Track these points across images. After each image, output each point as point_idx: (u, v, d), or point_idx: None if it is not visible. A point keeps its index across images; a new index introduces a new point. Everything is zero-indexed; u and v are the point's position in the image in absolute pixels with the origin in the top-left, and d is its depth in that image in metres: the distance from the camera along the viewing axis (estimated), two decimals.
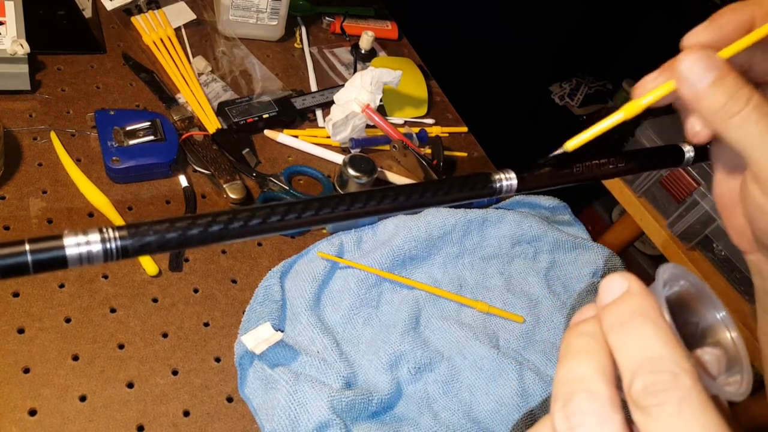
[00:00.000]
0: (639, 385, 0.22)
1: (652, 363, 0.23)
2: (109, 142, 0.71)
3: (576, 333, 0.26)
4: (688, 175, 0.95)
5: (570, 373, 0.24)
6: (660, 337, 0.23)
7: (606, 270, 0.81)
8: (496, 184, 0.32)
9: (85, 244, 0.23)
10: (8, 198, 0.66)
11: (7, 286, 0.60)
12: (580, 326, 0.26)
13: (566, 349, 0.25)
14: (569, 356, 0.25)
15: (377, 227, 0.75)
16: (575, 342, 0.25)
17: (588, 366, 0.24)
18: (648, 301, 0.24)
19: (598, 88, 2.36)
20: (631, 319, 0.24)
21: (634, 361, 0.23)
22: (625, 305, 0.25)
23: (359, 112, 0.81)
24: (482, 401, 0.64)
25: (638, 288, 0.25)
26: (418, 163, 0.83)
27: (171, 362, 0.60)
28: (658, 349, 0.23)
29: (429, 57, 1.08)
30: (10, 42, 0.71)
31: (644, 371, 0.23)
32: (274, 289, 0.66)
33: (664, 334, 0.23)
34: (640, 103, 0.31)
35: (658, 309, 0.24)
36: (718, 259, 0.93)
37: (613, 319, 0.25)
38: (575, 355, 0.25)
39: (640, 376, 0.22)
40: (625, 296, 0.25)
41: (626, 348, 0.24)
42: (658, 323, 0.24)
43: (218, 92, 0.86)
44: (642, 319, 0.24)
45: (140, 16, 0.90)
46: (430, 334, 0.69)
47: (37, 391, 0.54)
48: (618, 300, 0.25)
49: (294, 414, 0.56)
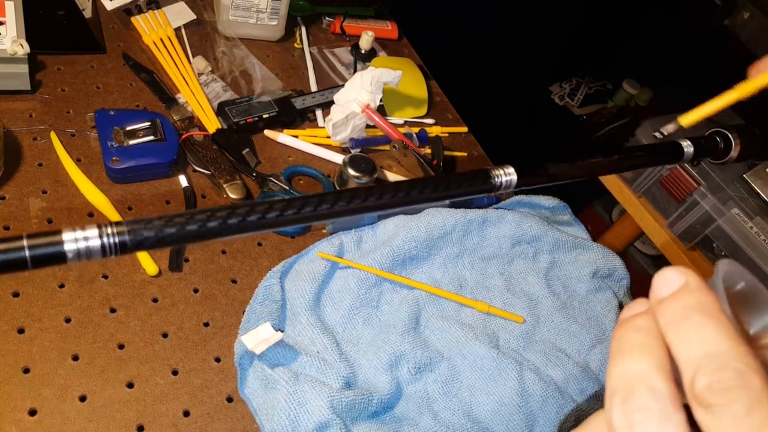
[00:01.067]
0: (703, 381, 0.21)
1: (717, 359, 0.21)
2: (109, 142, 0.71)
3: (630, 328, 0.24)
4: (688, 175, 0.95)
5: (627, 368, 0.23)
6: (724, 334, 0.22)
7: (606, 270, 0.81)
8: (495, 179, 0.32)
9: (83, 239, 0.23)
10: (8, 198, 0.66)
11: (7, 286, 0.60)
12: (634, 321, 0.24)
13: (620, 345, 0.24)
14: (625, 351, 0.24)
15: (377, 227, 0.75)
16: (630, 337, 0.24)
17: (646, 362, 0.23)
18: (708, 296, 0.23)
19: (598, 88, 2.36)
20: (691, 315, 0.23)
21: (697, 357, 0.22)
22: (684, 300, 0.23)
23: (359, 112, 0.81)
24: (482, 401, 0.64)
25: (697, 283, 0.24)
26: (418, 163, 0.83)
27: (171, 362, 0.60)
28: (723, 345, 0.21)
29: (429, 57, 1.08)
30: (10, 42, 0.71)
31: (708, 368, 0.21)
32: (274, 289, 0.66)
33: (727, 330, 0.22)
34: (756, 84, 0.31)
35: (719, 305, 0.23)
36: (718, 259, 0.93)
37: (671, 314, 0.23)
38: (631, 350, 0.23)
39: (704, 372, 0.21)
40: (684, 290, 0.24)
41: (687, 344, 0.22)
42: (721, 319, 0.22)
43: (218, 92, 0.86)
44: (703, 314, 0.22)
45: (140, 16, 0.90)
46: (430, 334, 0.69)
47: (37, 391, 0.54)
48: (676, 294, 0.24)
49: (294, 414, 0.56)
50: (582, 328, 0.74)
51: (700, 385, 0.21)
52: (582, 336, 0.73)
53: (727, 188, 0.91)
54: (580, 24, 2.29)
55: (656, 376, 0.22)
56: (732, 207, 0.90)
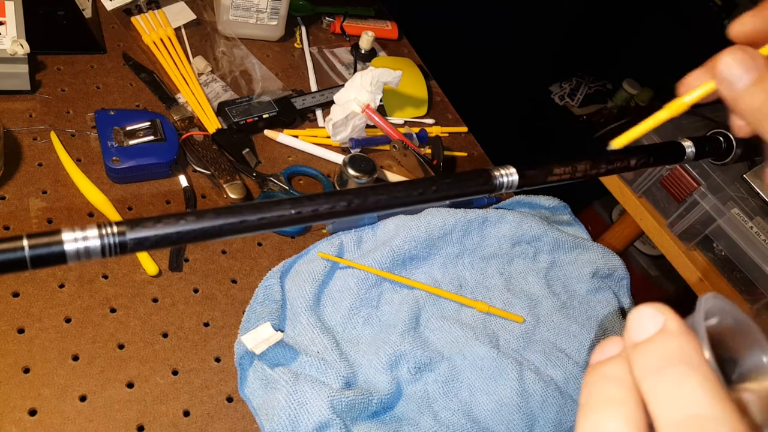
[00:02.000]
0: None
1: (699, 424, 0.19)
2: (109, 142, 0.71)
3: (601, 376, 0.22)
4: (688, 175, 0.95)
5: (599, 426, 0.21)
6: (708, 391, 0.19)
7: (606, 270, 0.81)
8: (496, 180, 0.32)
9: (83, 239, 0.23)
10: (8, 198, 0.66)
11: (7, 286, 0.60)
12: (605, 368, 0.22)
13: (590, 397, 0.22)
14: (595, 406, 0.21)
15: (377, 227, 0.75)
16: (601, 389, 0.22)
17: (618, 420, 0.20)
18: (689, 343, 0.21)
19: (598, 88, 2.35)
20: (669, 365, 0.20)
21: (676, 418, 0.19)
22: (662, 347, 0.21)
23: (359, 112, 0.81)
24: (482, 401, 0.64)
25: (676, 326, 0.21)
26: (418, 163, 0.83)
27: (171, 362, 0.60)
28: (706, 406, 0.19)
29: (429, 57, 1.08)
30: (10, 42, 0.71)
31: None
32: (274, 289, 0.66)
33: (712, 387, 0.20)
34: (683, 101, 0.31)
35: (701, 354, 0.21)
36: (718, 259, 0.93)
37: (647, 362, 0.21)
38: (603, 405, 0.21)
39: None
40: (662, 335, 0.21)
41: (665, 400, 0.20)
42: (704, 372, 0.20)
43: (218, 92, 0.86)
44: (684, 366, 0.20)
45: (140, 16, 0.90)
46: (430, 334, 0.69)
47: (37, 391, 0.54)
48: (653, 339, 0.21)
49: (294, 414, 0.56)
50: (582, 328, 0.74)
51: None
52: (582, 336, 0.73)
53: (727, 188, 0.91)
54: (580, 24, 2.29)
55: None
56: (732, 207, 0.90)
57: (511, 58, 2.13)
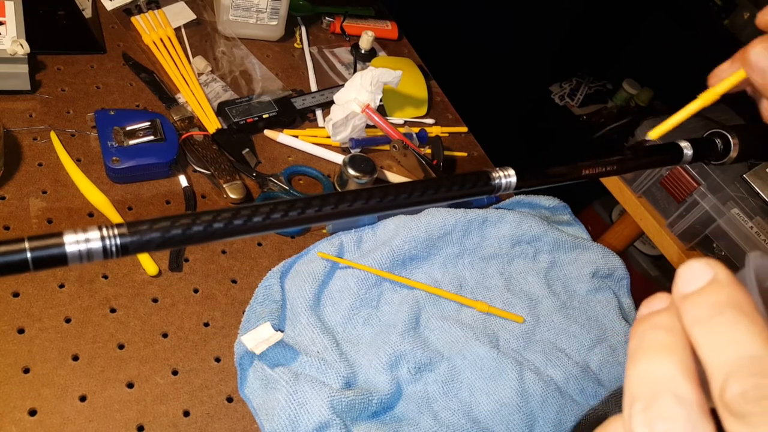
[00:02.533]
0: (735, 389, 0.19)
1: (752, 363, 0.19)
2: (109, 142, 0.71)
3: (651, 325, 0.22)
4: (688, 175, 0.95)
5: (649, 372, 0.21)
6: (759, 334, 0.19)
7: (606, 270, 0.81)
8: (495, 181, 0.32)
9: (85, 241, 0.23)
10: (8, 198, 0.66)
11: (7, 286, 0.60)
12: (654, 318, 0.22)
13: (640, 344, 0.22)
14: (645, 352, 0.21)
15: (377, 227, 0.75)
16: (651, 336, 0.22)
17: (670, 364, 0.20)
18: (741, 292, 0.21)
19: (598, 88, 2.35)
20: (721, 312, 0.20)
21: (728, 360, 0.19)
22: (713, 296, 0.21)
23: (359, 112, 0.81)
24: (482, 401, 0.64)
25: (727, 277, 0.21)
26: (418, 163, 0.83)
27: (171, 362, 0.60)
28: (758, 347, 0.19)
29: (429, 57, 1.08)
30: (10, 42, 0.71)
31: (742, 373, 0.19)
32: (274, 289, 0.66)
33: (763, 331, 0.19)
34: (715, 91, 0.32)
35: (752, 302, 0.21)
36: (718, 258, 0.93)
37: (698, 311, 0.21)
38: (653, 350, 0.21)
39: (737, 378, 0.19)
40: (712, 285, 0.21)
41: (717, 345, 0.20)
42: (756, 318, 0.20)
43: (218, 92, 0.86)
44: (735, 312, 0.20)
45: (140, 16, 0.90)
46: (430, 334, 0.69)
47: (37, 391, 0.54)
48: (703, 290, 0.21)
49: (294, 414, 0.56)
50: (582, 328, 0.74)
51: (732, 392, 0.19)
52: (582, 336, 0.73)
53: (727, 188, 0.91)
54: (580, 24, 2.29)
55: (682, 380, 0.20)
56: (732, 207, 0.90)
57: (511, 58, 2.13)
